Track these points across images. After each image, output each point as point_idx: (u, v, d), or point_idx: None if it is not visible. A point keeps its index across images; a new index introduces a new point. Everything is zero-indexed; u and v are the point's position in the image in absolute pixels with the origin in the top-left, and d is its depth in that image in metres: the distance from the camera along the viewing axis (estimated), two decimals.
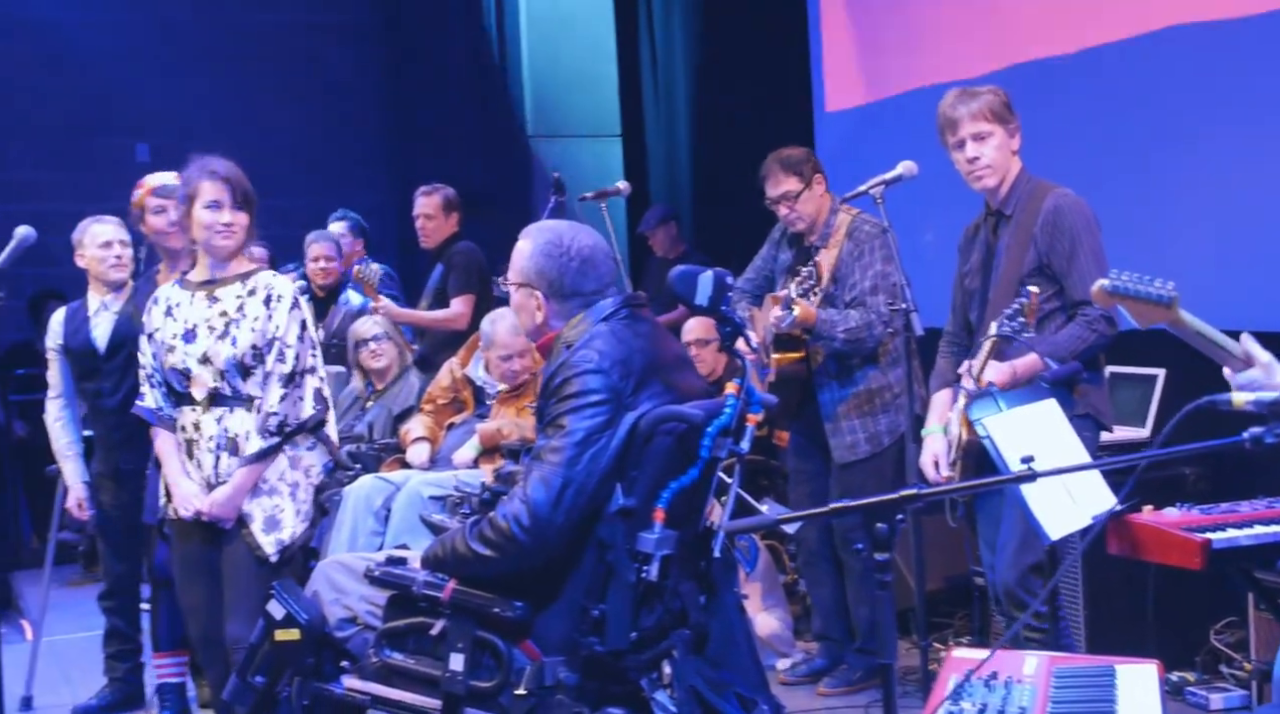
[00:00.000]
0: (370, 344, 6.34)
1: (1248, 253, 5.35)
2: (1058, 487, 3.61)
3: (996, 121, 4.18)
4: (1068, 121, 6.04)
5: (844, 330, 4.94)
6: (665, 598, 3.35)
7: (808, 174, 5.15)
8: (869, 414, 5.12)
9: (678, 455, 3.34)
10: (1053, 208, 4.13)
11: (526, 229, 3.68)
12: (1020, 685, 2.64)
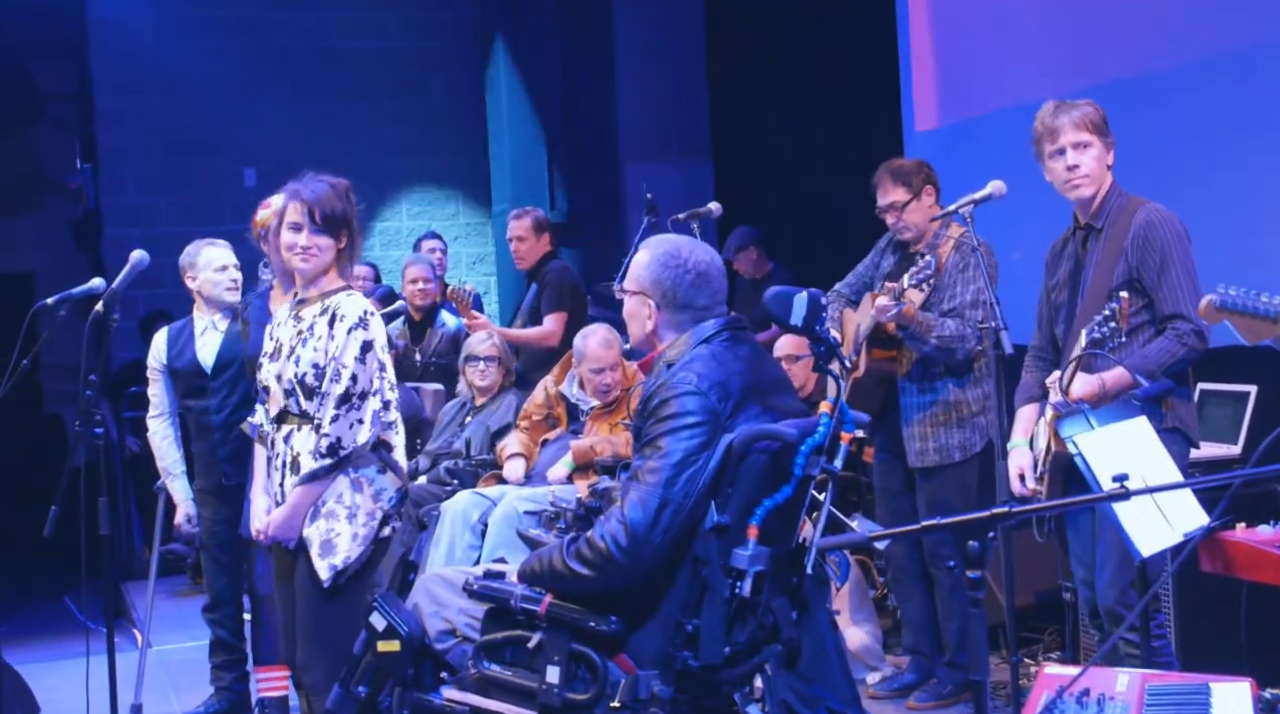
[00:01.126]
0: (480, 363, 6.40)
1: None
2: (1149, 504, 3.57)
3: (1095, 133, 4.14)
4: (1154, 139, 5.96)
5: (938, 336, 4.91)
6: (758, 613, 3.35)
7: (917, 185, 5.13)
8: (944, 425, 5.10)
9: (772, 473, 3.34)
10: (1144, 222, 4.08)
11: (648, 240, 3.71)
12: (1113, 703, 2.61)
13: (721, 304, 3.58)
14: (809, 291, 3.41)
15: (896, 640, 5.74)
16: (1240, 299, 3.03)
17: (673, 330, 3.55)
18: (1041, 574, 5.52)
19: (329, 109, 10.75)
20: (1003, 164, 4.54)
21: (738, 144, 9.72)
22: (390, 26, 11.24)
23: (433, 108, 11.25)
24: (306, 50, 10.88)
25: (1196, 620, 4.84)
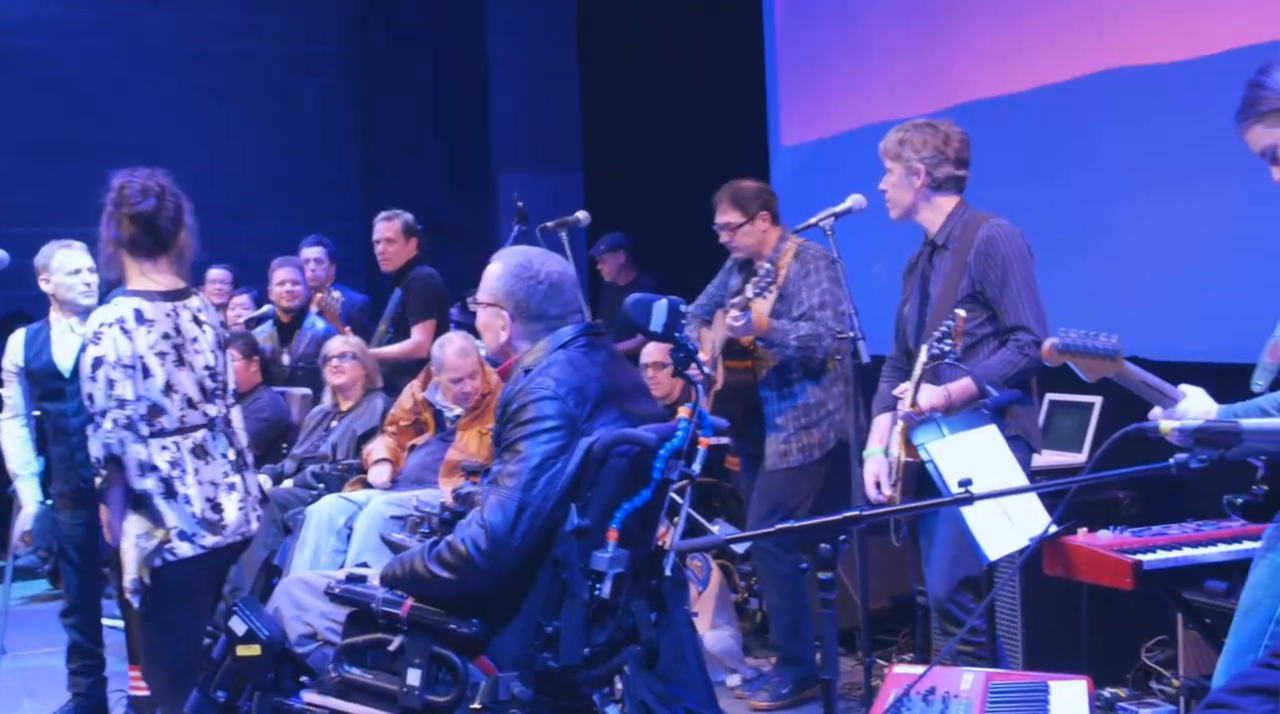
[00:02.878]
0: (334, 360, 6.32)
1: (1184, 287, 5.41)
2: (997, 509, 3.65)
3: (894, 159, 4.30)
4: (1011, 158, 6.10)
5: (796, 337, 5.00)
6: (617, 615, 3.36)
7: (752, 210, 5.22)
8: (805, 427, 5.17)
9: (631, 477, 3.35)
10: (986, 237, 4.19)
11: (500, 252, 3.71)
12: (957, 701, 2.66)
13: (575, 313, 3.59)
14: (669, 299, 3.43)
15: (757, 642, 5.78)
16: (1080, 341, 3.14)
17: (527, 341, 3.55)
18: (899, 578, 5.61)
19: (201, 112, 10.56)
20: (865, 179, 4.61)
21: (608, 155, 9.76)
22: (264, 31, 11.08)
23: (307, 113, 11.12)
24: (179, 53, 10.68)
25: (1040, 621, 4.96)
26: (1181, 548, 3.78)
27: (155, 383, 3.92)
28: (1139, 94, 5.60)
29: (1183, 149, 5.41)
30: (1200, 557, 3.76)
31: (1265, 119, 2.99)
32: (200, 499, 3.98)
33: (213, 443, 4.05)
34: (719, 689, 5.32)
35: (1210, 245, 5.32)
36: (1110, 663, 5.00)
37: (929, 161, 4.26)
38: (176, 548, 3.93)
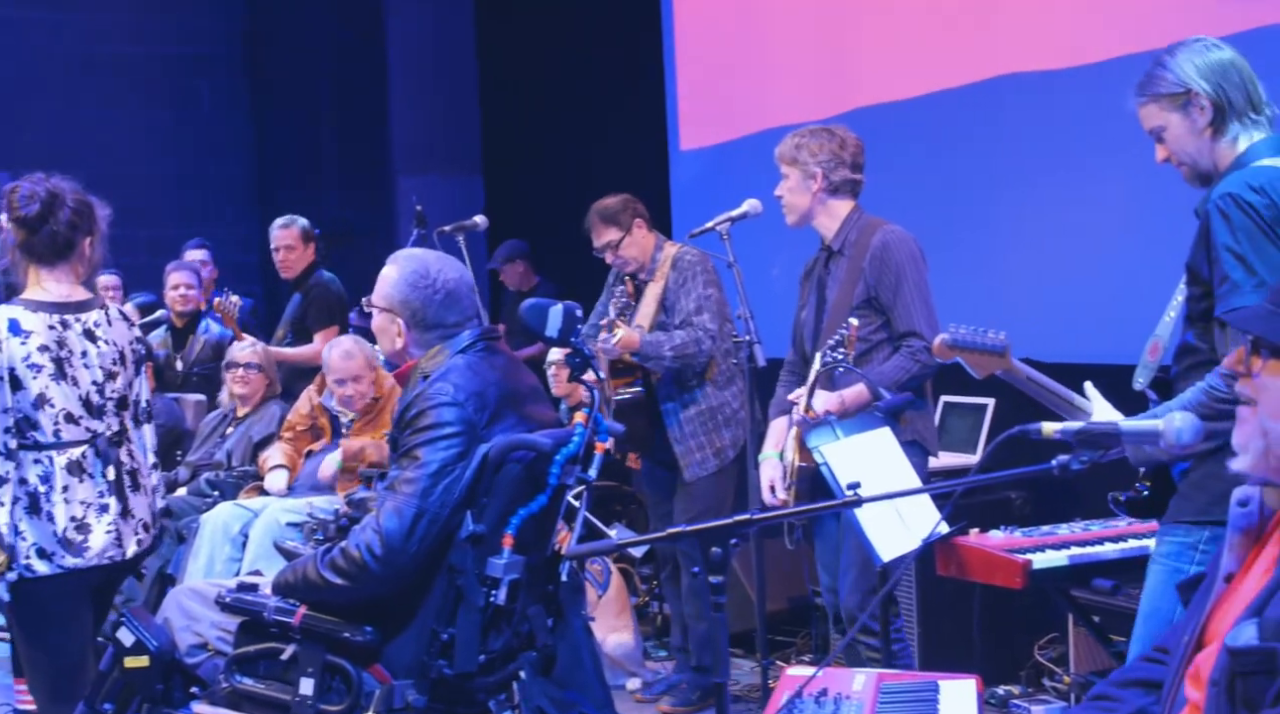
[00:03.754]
0: (240, 369, 6.23)
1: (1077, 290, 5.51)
2: (890, 511, 3.68)
3: (791, 164, 4.33)
4: (907, 163, 6.17)
5: (670, 348, 4.99)
6: (513, 621, 3.35)
7: (626, 222, 5.23)
8: (713, 430, 5.17)
9: (527, 483, 3.34)
10: (880, 243, 4.23)
11: (395, 255, 3.66)
12: (849, 702, 2.67)
13: (473, 320, 3.56)
14: (564, 304, 3.43)
15: (658, 646, 5.80)
16: (969, 337, 3.18)
17: (423, 348, 3.53)
18: (795, 580, 5.65)
19: (93, 114, 10.36)
20: (765, 183, 4.64)
21: (509, 159, 9.73)
22: (156, 32, 10.90)
23: (202, 115, 10.95)
24: (68, 54, 10.47)
25: (936, 622, 5.02)
26: (1070, 547, 3.85)
27: (27, 395, 3.80)
28: (1030, 99, 5.70)
29: (1072, 154, 5.52)
30: (1088, 555, 3.84)
31: (1160, 100, 3.05)
32: (65, 518, 3.80)
33: (93, 461, 3.90)
34: (619, 693, 5.35)
35: (1098, 249, 5.43)
36: (1004, 661, 5.08)
37: (826, 165, 4.30)
38: (34, 565, 3.77)
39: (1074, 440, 2.28)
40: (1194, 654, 2.01)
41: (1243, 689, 1.79)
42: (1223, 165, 3.04)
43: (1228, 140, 3.03)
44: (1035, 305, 5.61)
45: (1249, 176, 2.93)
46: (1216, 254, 2.90)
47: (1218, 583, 2.03)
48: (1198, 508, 2.96)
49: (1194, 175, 3.09)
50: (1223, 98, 3.01)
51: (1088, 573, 3.86)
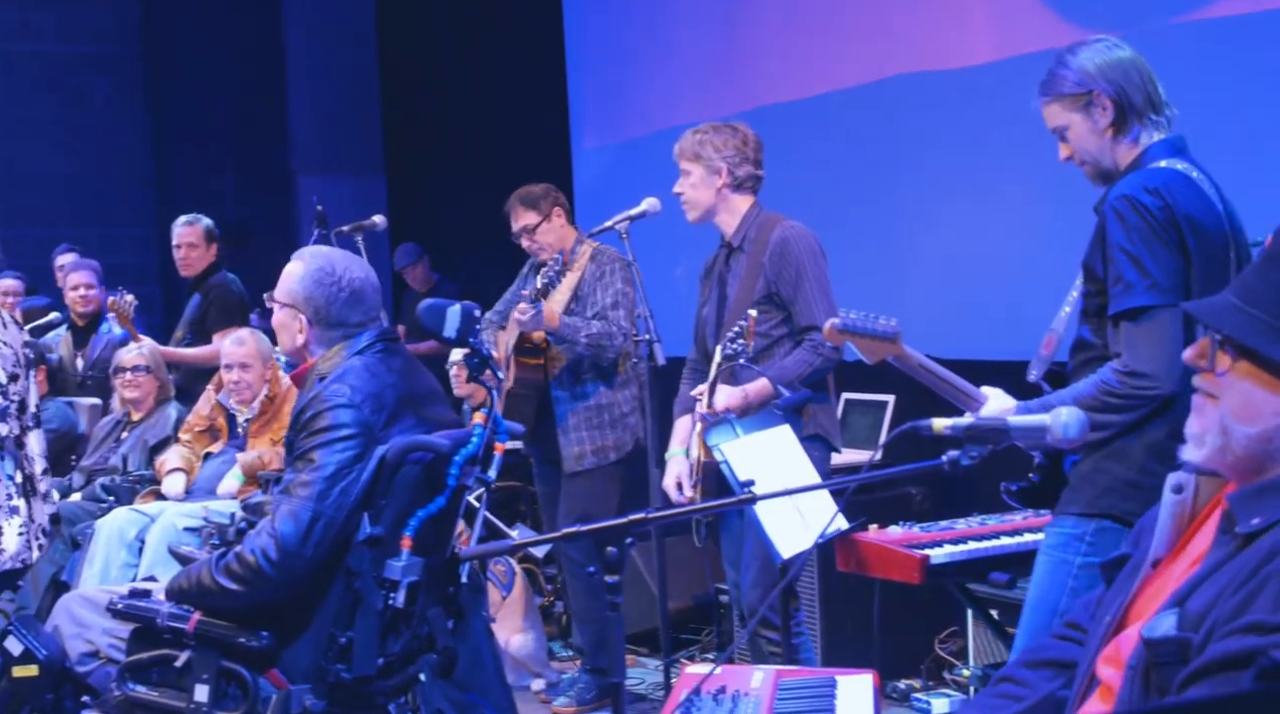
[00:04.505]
0: (128, 373, 6.13)
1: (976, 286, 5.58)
2: (790, 508, 3.70)
3: (693, 160, 4.34)
4: (806, 161, 6.22)
5: (586, 334, 4.98)
6: (413, 624, 3.33)
7: (545, 208, 5.22)
8: (598, 427, 5.16)
9: (425, 484, 3.32)
10: (780, 238, 4.26)
11: (301, 251, 3.63)
12: (747, 699, 2.68)
13: (376, 320, 3.53)
14: (462, 304, 3.42)
15: (563, 646, 5.78)
16: (860, 322, 3.20)
17: (324, 346, 3.49)
18: (700, 578, 5.66)
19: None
20: (666, 181, 4.65)
21: (412, 159, 9.67)
22: (52, 30, 10.67)
23: (96, 114, 10.74)
24: None
25: (838, 617, 5.06)
26: (967, 542, 3.89)
27: None
28: (927, 98, 5.77)
29: (969, 152, 5.59)
30: (985, 550, 3.88)
31: (1063, 100, 3.09)
32: None
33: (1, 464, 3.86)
34: (524, 694, 5.33)
35: (996, 245, 5.51)
36: (905, 655, 5.13)
37: (731, 161, 4.32)
38: None
39: (963, 436, 2.30)
40: (1114, 635, 2.01)
41: (1157, 679, 1.79)
42: (1123, 164, 3.08)
43: (1129, 140, 3.07)
44: (935, 301, 5.68)
45: (1145, 178, 2.97)
46: (1111, 254, 2.95)
47: (1145, 567, 2.03)
48: (1086, 500, 3.00)
49: (1096, 174, 3.13)
50: (1124, 98, 3.06)
51: (984, 567, 3.90)
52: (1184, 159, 3.04)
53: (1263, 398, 1.83)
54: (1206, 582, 1.81)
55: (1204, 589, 1.80)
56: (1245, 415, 1.84)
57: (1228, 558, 1.81)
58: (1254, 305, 1.83)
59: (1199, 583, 1.82)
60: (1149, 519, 2.08)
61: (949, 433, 2.32)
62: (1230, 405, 1.86)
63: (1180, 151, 3.07)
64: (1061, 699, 2.11)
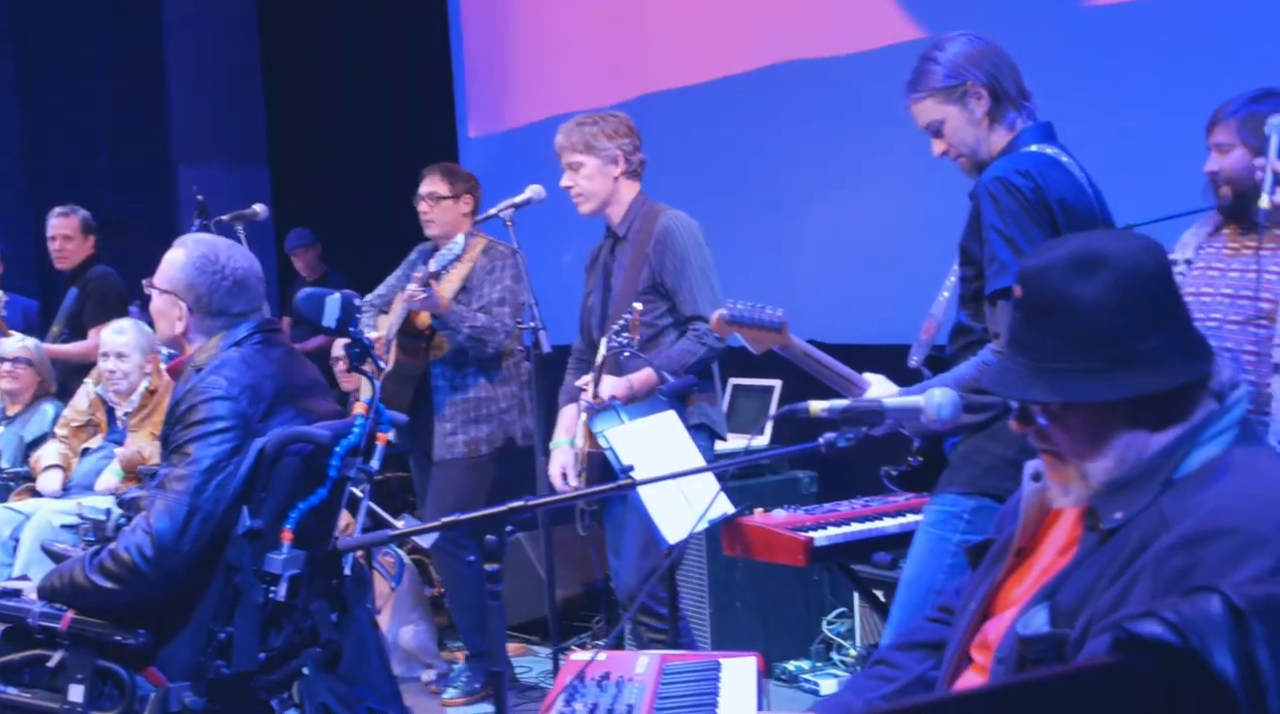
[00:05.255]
0: (7, 364, 5.97)
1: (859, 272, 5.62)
2: (675, 494, 3.70)
3: (588, 152, 4.31)
4: (691, 149, 6.23)
5: (470, 326, 4.94)
6: (295, 617, 3.28)
7: (459, 189, 5.19)
8: (474, 421, 5.12)
9: (306, 476, 3.27)
10: (664, 228, 4.26)
11: (183, 238, 3.56)
12: (631, 684, 2.67)
13: (258, 311, 3.47)
14: (342, 293, 3.36)
15: (453, 637, 5.75)
16: (746, 312, 3.21)
17: (204, 335, 3.42)
18: (588, 566, 5.66)
19: None
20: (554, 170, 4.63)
21: (295, 148, 9.53)
22: None
23: None
24: None
25: (728, 602, 5.08)
26: (850, 524, 3.92)
27: None
28: (812, 85, 5.80)
29: (852, 139, 5.64)
30: (868, 531, 3.91)
31: (937, 94, 3.12)
32: None
33: None
34: (414, 685, 5.29)
35: (879, 231, 5.56)
36: (794, 637, 5.17)
37: (625, 148, 4.33)
38: None
39: (840, 418, 2.31)
40: (980, 622, 2.03)
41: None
42: (996, 151, 3.12)
43: (1004, 127, 3.12)
44: (818, 288, 5.72)
45: (1017, 162, 3.02)
46: (986, 236, 2.98)
47: (1008, 555, 2.05)
48: (966, 479, 3.04)
49: (972, 166, 3.17)
50: (997, 85, 3.10)
51: (868, 548, 3.94)
52: (1054, 144, 3.10)
53: (1101, 432, 1.85)
54: (1075, 575, 1.83)
55: (1073, 582, 1.82)
56: (1090, 453, 1.86)
57: (1094, 551, 1.83)
58: (1046, 360, 1.85)
59: (1067, 576, 1.84)
60: (1011, 504, 2.11)
61: (826, 415, 2.33)
62: (1072, 451, 1.87)
63: (1050, 137, 3.13)
64: (932, 679, 2.14)
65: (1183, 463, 1.80)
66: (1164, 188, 3.88)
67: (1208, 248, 3.51)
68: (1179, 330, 1.85)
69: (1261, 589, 1.11)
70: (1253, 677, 1.06)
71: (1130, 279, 1.83)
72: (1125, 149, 4.54)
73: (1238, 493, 1.72)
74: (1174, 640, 1.09)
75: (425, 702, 5.17)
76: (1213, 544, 1.64)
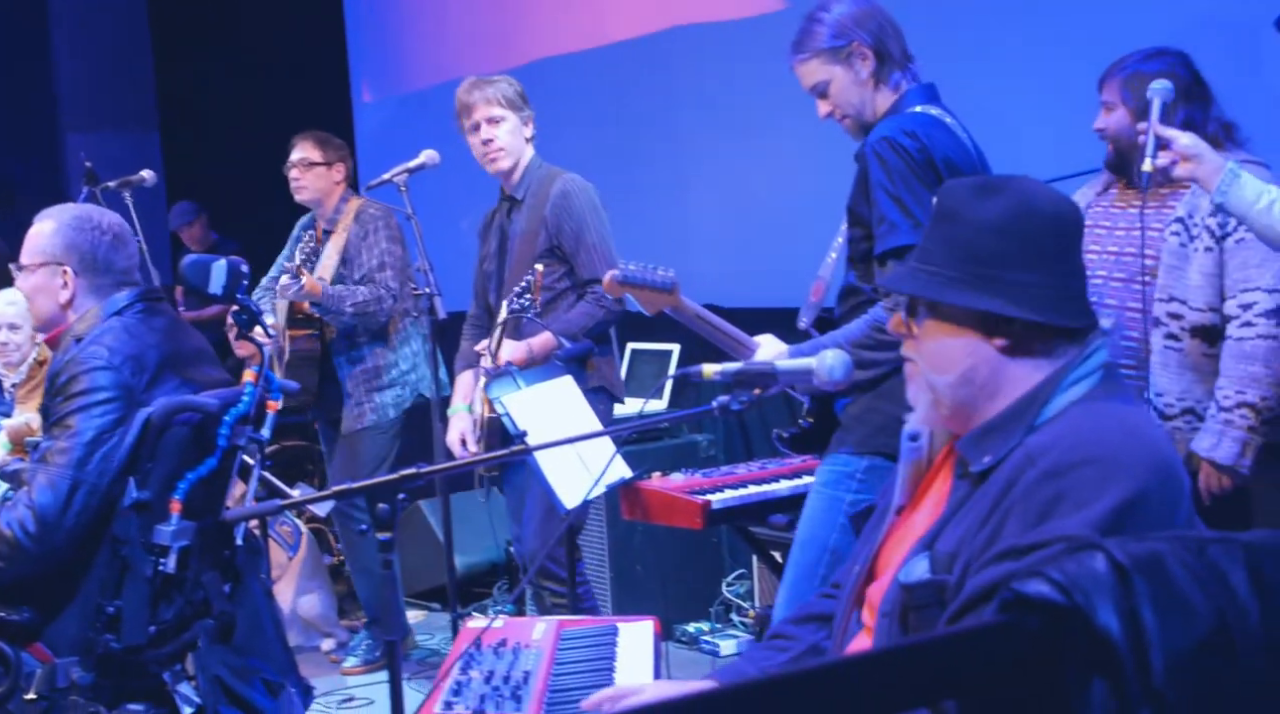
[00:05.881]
0: None
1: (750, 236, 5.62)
2: (573, 458, 3.67)
3: (510, 108, 4.25)
4: (587, 113, 6.17)
5: (352, 304, 4.87)
6: (186, 589, 3.19)
7: (331, 156, 5.12)
8: (376, 388, 5.06)
9: (194, 446, 3.19)
10: (561, 191, 4.21)
11: (43, 212, 3.44)
12: (528, 650, 2.64)
13: (137, 270, 3.38)
14: (228, 259, 3.27)
15: (354, 605, 5.68)
16: (638, 274, 3.19)
17: (94, 297, 3.31)
18: (489, 532, 5.62)
19: None
20: (445, 136, 4.56)
21: (186, 115, 9.32)
22: None
23: None
24: None
25: (628, 566, 5.07)
26: (748, 486, 3.92)
27: None
28: (701, 50, 5.78)
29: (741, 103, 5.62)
30: (765, 493, 3.91)
31: (822, 55, 3.10)
32: None
33: None
34: (314, 654, 5.23)
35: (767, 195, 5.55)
36: (694, 599, 5.17)
37: (531, 114, 4.28)
38: None
39: (732, 381, 2.29)
40: (865, 585, 2.04)
41: (915, 621, 1.83)
42: (881, 112, 3.12)
43: (889, 88, 3.11)
44: (712, 252, 5.71)
45: (902, 122, 3.02)
46: (874, 196, 2.98)
47: (889, 515, 2.06)
48: (858, 439, 3.04)
49: (857, 128, 3.16)
50: (882, 46, 3.10)
51: (765, 510, 3.94)
52: (937, 105, 3.11)
53: (952, 345, 1.90)
54: (951, 523, 1.86)
55: (950, 530, 1.85)
56: (942, 366, 1.91)
57: (967, 497, 1.86)
58: (930, 263, 1.91)
59: (944, 525, 1.87)
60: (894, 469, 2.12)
61: (719, 378, 2.31)
62: (929, 362, 1.93)
63: (934, 98, 3.14)
64: (825, 648, 2.16)
65: (1045, 407, 1.84)
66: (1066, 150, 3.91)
67: (1096, 206, 3.53)
68: (1061, 279, 1.88)
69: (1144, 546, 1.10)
70: (1136, 634, 1.05)
71: (1024, 211, 1.88)
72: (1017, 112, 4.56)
73: (1099, 426, 1.77)
74: (1059, 599, 1.07)
75: (325, 670, 5.11)
76: (1077, 472, 1.70)
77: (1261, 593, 1.11)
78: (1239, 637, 1.08)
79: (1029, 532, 1.71)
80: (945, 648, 1.09)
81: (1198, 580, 1.10)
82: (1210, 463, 3.24)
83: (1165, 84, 3.10)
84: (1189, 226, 3.30)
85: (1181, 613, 1.07)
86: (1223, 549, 1.13)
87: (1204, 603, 1.09)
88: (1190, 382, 3.31)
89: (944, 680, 1.07)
